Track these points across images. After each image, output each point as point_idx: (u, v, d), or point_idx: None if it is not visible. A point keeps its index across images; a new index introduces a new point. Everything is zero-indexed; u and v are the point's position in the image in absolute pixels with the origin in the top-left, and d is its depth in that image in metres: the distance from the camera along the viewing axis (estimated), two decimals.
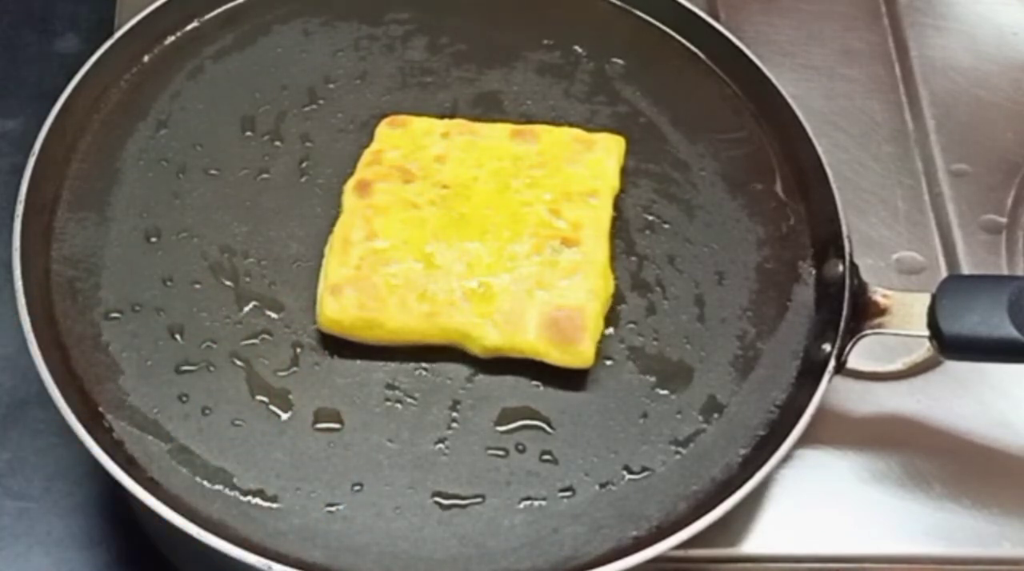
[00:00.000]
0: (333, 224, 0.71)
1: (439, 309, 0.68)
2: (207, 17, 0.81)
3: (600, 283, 0.69)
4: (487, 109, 0.79)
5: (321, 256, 0.71)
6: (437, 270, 0.69)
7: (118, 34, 0.78)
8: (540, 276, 0.69)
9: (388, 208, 0.71)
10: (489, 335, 0.68)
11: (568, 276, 0.69)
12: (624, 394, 0.69)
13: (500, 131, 0.75)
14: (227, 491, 0.65)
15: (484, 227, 0.70)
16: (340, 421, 0.67)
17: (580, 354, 0.68)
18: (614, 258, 0.72)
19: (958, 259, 0.85)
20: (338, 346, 0.69)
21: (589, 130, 0.76)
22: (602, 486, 0.67)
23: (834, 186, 0.74)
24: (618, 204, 0.75)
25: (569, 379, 0.69)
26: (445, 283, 0.68)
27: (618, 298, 0.72)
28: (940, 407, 0.78)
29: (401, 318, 0.68)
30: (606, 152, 0.75)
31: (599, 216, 0.72)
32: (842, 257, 0.72)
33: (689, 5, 0.83)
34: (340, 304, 0.68)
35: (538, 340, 0.68)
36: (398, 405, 0.68)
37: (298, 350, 0.69)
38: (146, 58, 0.79)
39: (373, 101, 0.79)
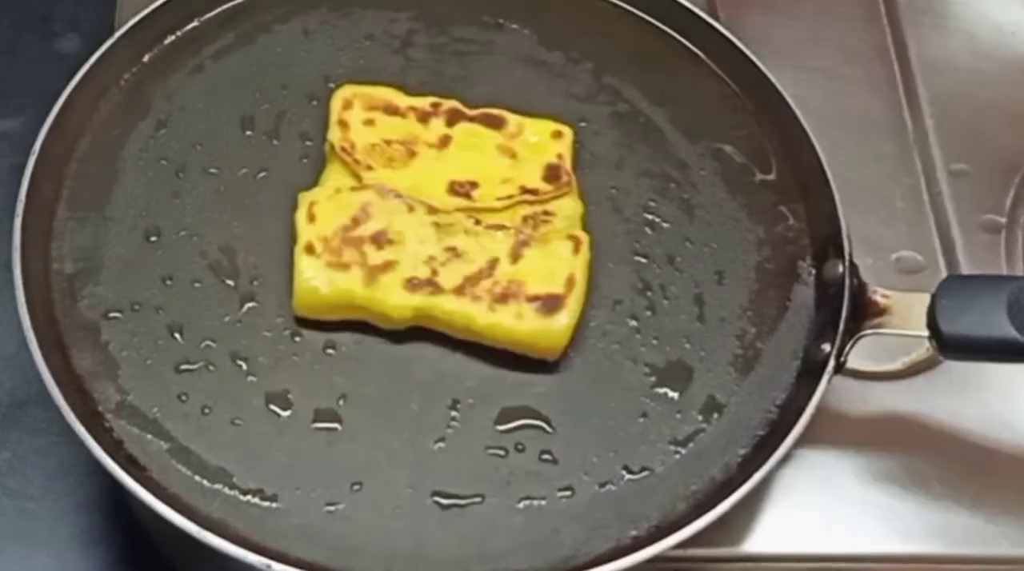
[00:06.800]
0: None
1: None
2: (207, 17, 0.81)
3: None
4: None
5: None
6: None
7: (118, 34, 0.78)
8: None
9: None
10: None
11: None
12: (624, 394, 0.69)
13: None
14: (227, 490, 0.65)
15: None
16: (340, 421, 0.67)
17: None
18: (610, 256, 0.72)
19: (958, 259, 0.85)
20: (338, 346, 0.69)
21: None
22: (602, 486, 0.67)
23: (834, 186, 0.74)
24: (618, 204, 0.75)
25: (569, 379, 0.69)
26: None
27: (618, 298, 0.72)
28: (940, 407, 0.78)
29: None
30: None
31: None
32: (842, 257, 0.72)
33: (689, 5, 0.82)
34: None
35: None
36: (398, 405, 0.68)
37: (298, 349, 0.69)
38: (146, 58, 0.79)
39: None
